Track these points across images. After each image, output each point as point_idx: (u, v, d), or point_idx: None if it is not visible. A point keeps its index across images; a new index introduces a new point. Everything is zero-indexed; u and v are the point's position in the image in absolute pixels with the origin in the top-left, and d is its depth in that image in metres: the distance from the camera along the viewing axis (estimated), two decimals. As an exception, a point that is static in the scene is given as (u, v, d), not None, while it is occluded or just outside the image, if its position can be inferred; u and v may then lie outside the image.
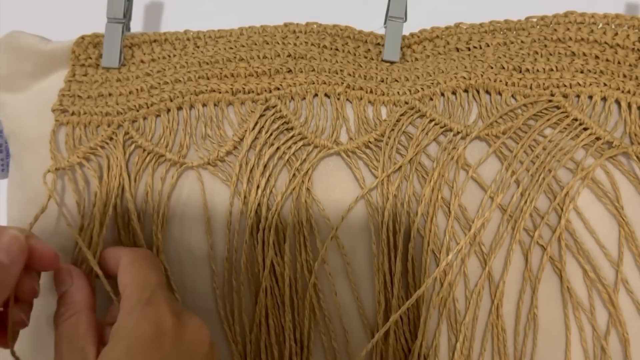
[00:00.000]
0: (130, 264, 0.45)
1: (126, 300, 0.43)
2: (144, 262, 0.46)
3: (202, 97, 0.53)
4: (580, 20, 0.53)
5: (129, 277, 0.44)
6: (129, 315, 0.42)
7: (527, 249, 0.50)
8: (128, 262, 0.46)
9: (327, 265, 0.51)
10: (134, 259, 0.46)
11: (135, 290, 0.43)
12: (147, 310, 0.42)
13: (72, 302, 0.45)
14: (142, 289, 0.43)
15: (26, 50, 0.55)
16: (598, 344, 0.50)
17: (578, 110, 0.51)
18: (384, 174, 0.50)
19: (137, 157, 0.53)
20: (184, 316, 0.43)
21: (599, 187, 0.50)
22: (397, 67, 0.55)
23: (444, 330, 0.50)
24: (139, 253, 0.47)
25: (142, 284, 0.44)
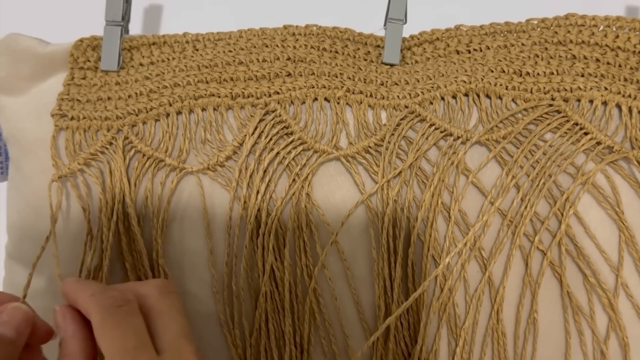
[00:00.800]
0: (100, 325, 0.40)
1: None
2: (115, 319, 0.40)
3: (201, 102, 0.53)
4: (581, 23, 0.53)
5: (103, 342, 0.39)
6: None
7: (527, 253, 0.50)
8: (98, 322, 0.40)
9: (327, 270, 0.51)
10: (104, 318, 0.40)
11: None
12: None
13: (67, 354, 0.41)
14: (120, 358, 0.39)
15: (25, 53, 0.55)
16: (598, 348, 0.50)
17: (579, 115, 0.51)
18: (384, 179, 0.50)
19: (137, 162, 0.53)
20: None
21: (599, 192, 0.50)
22: (397, 69, 0.55)
23: (444, 335, 0.50)
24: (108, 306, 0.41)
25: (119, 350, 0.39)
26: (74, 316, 0.43)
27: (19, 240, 0.56)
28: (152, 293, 0.43)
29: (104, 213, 0.52)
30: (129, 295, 0.42)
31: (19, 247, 0.56)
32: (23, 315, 0.42)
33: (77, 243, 0.53)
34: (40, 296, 0.53)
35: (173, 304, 0.43)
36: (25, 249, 0.55)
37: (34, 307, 0.53)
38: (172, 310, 0.42)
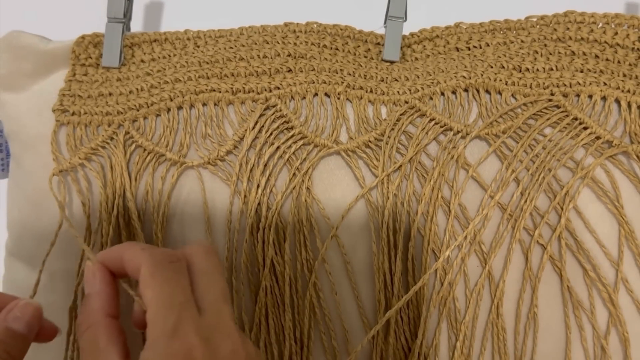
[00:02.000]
0: (151, 277, 0.39)
1: (150, 327, 0.38)
2: (166, 274, 0.40)
3: (202, 97, 0.53)
4: (580, 20, 0.54)
5: (151, 293, 0.39)
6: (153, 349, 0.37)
7: (527, 248, 0.50)
8: (149, 273, 0.39)
9: (327, 264, 0.51)
10: (155, 270, 0.39)
11: (159, 313, 0.38)
12: (173, 343, 0.37)
13: (90, 311, 0.40)
14: (166, 312, 0.38)
15: (26, 50, 0.55)
16: (598, 343, 0.50)
17: (578, 110, 0.51)
18: (384, 173, 0.50)
19: (138, 156, 0.53)
20: (215, 339, 0.38)
21: (598, 186, 0.50)
22: (397, 66, 0.55)
23: (444, 329, 0.50)
24: (160, 260, 0.40)
25: (166, 304, 0.38)
26: (104, 275, 0.42)
27: (19, 237, 0.56)
28: (198, 253, 0.42)
29: (105, 207, 0.52)
30: (178, 253, 0.42)
31: (20, 244, 0.56)
32: (34, 311, 0.42)
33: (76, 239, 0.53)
34: (41, 292, 0.53)
35: (216, 266, 0.42)
36: (25, 245, 0.55)
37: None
38: (215, 271, 0.41)
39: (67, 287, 0.53)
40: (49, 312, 0.53)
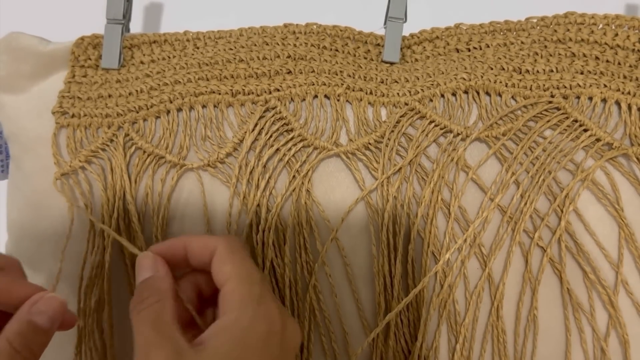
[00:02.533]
0: (230, 254, 0.42)
1: (234, 293, 0.40)
2: (244, 254, 0.43)
3: (201, 99, 0.53)
4: (580, 21, 0.53)
5: (232, 267, 0.41)
6: (242, 311, 0.39)
7: (527, 250, 0.50)
8: (227, 251, 0.42)
9: (327, 267, 0.51)
10: (234, 249, 0.42)
11: (243, 283, 0.41)
12: (260, 308, 0.40)
13: (158, 288, 0.42)
14: (250, 283, 0.41)
15: (26, 51, 0.55)
16: (598, 345, 0.50)
17: (578, 112, 0.51)
18: (383, 176, 0.50)
19: (138, 158, 0.53)
20: (284, 316, 0.41)
21: (599, 189, 0.50)
22: (397, 68, 0.55)
23: (443, 332, 0.50)
24: (237, 241, 0.43)
25: (249, 278, 0.41)
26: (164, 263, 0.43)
27: (19, 239, 0.56)
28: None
29: (105, 210, 0.52)
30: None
31: (19, 246, 0.56)
32: (58, 305, 0.42)
33: (78, 240, 0.53)
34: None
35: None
36: (25, 247, 0.55)
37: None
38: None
39: (67, 288, 0.53)
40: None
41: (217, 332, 0.39)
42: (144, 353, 0.38)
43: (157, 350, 0.38)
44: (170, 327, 0.39)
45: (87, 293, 0.52)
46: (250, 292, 0.40)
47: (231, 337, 0.39)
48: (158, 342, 0.38)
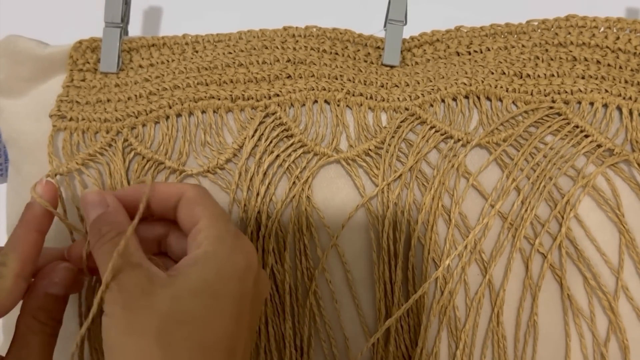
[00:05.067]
0: (200, 197, 0.42)
1: (209, 229, 0.40)
2: (212, 198, 0.42)
3: (201, 104, 0.52)
4: (582, 24, 0.53)
5: (204, 208, 0.41)
6: (220, 243, 0.39)
7: (527, 256, 0.50)
8: (197, 194, 0.42)
9: (327, 273, 0.51)
10: (203, 193, 0.42)
11: (218, 220, 0.40)
12: (238, 242, 0.40)
13: (115, 222, 0.41)
14: (225, 221, 0.41)
15: (24, 55, 0.55)
16: (598, 350, 0.50)
17: (579, 117, 0.51)
18: (384, 182, 0.50)
19: (137, 164, 0.52)
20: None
21: (599, 195, 0.50)
22: (397, 71, 0.54)
23: (444, 338, 0.50)
24: (204, 188, 0.43)
25: (223, 215, 0.41)
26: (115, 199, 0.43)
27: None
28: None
29: None
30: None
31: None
32: (72, 276, 0.43)
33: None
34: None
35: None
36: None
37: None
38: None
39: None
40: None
41: (193, 261, 0.38)
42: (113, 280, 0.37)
43: (127, 276, 0.37)
44: (137, 255, 0.39)
45: (88, 296, 0.52)
46: (226, 228, 0.40)
47: (208, 266, 0.38)
48: (126, 269, 0.37)
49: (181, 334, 0.36)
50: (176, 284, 0.37)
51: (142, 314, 0.36)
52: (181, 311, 0.36)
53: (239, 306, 0.38)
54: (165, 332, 0.36)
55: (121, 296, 0.37)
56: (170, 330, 0.36)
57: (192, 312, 0.36)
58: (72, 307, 0.52)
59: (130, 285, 0.37)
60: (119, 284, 0.37)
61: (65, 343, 0.53)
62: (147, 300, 0.36)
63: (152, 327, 0.36)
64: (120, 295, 0.37)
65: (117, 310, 0.36)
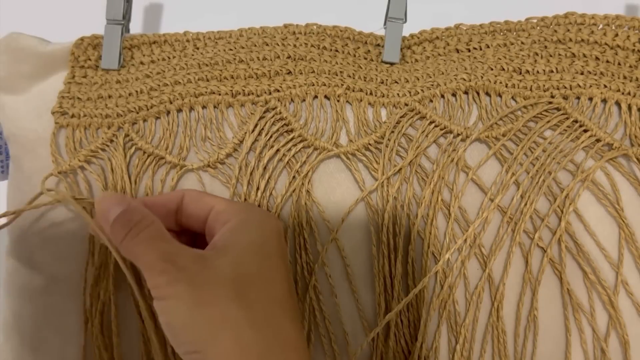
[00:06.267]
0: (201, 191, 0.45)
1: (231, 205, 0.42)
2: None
3: (201, 99, 0.53)
4: (581, 22, 0.53)
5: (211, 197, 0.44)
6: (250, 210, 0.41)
7: (527, 251, 0.50)
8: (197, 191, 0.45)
9: (327, 267, 0.51)
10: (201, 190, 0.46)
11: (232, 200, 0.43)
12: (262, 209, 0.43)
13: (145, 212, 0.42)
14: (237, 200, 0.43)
15: (25, 52, 0.55)
16: (598, 345, 0.50)
17: (578, 112, 0.51)
18: (384, 176, 0.50)
19: (138, 159, 0.53)
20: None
21: (599, 189, 0.50)
22: (397, 68, 0.55)
23: (444, 332, 0.50)
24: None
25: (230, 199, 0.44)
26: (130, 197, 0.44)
27: (19, 240, 0.55)
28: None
29: None
30: None
31: (20, 246, 0.55)
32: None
33: (78, 240, 0.53)
34: (41, 294, 0.53)
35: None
36: (25, 248, 0.55)
37: (34, 305, 0.53)
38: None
39: (68, 289, 0.53)
40: (50, 314, 0.53)
41: (231, 231, 0.40)
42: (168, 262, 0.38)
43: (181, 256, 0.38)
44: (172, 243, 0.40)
45: (92, 294, 0.52)
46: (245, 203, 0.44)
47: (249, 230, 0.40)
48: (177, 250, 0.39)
49: (254, 293, 0.38)
50: (230, 252, 0.39)
51: (212, 283, 0.37)
52: (245, 273, 0.38)
53: (286, 264, 0.41)
54: (240, 294, 0.37)
55: (184, 274, 0.37)
56: (243, 292, 0.37)
57: (255, 272, 0.38)
58: (74, 303, 0.53)
59: (188, 262, 0.38)
60: (175, 264, 0.38)
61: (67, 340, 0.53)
62: (211, 271, 0.38)
63: (228, 293, 0.37)
64: (181, 274, 0.37)
65: (181, 288, 0.37)
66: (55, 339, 0.53)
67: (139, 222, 0.40)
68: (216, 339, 0.37)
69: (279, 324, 0.38)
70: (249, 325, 0.37)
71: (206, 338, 0.37)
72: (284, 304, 0.39)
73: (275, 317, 0.38)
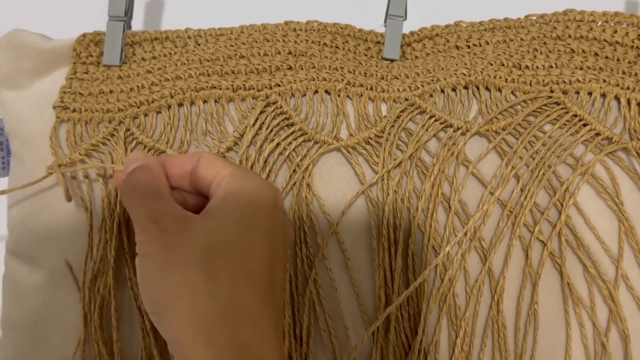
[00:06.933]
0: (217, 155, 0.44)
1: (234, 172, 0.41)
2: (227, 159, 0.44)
3: (202, 94, 0.53)
4: (580, 18, 0.54)
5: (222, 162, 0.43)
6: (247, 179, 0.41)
7: (527, 244, 0.50)
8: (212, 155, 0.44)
9: (327, 261, 0.51)
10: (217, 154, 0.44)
11: (240, 167, 0.42)
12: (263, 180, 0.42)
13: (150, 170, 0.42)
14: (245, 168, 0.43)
15: (27, 48, 0.55)
16: (598, 340, 0.50)
17: (578, 107, 0.51)
18: (384, 170, 0.50)
19: (138, 153, 0.53)
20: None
21: (598, 183, 0.50)
22: (397, 64, 0.55)
23: (444, 326, 0.50)
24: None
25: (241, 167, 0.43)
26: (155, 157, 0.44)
27: (19, 235, 0.55)
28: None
29: (107, 204, 0.52)
30: None
31: (20, 242, 0.55)
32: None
33: (76, 234, 0.53)
34: (42, 289, 0.53)
35: None
36: (25, 243, 0.55)
37: (34, 301, 0.53)
38: None
39: (68, 284, 0.53)
40: (50, 310, 0.53)
41: (223, 197, 0.40)
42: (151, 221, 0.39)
43: (165, 216, 0.39)
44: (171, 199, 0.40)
45: (90, 288, 0.52)
46: (249, 172, 0.42)
47: (239, 199, 0.39)
48: (164, 209, 0.39)
49: (222, 262, 0.37)
50: (211, 218, 0.39)
51: (183, 248, 0.37)
52: (220, 241, 0.38)
53: (272, 239, 0.40)
54: (207, 262, 0.37)
55: (162, 235, 0.38)
56: (211, 259, 0.37)
57: (231, 241, 0.38)
58: (75, 300, 0.53)
59: (169, 223, 0.38)
60: (157, 224, 0.38)
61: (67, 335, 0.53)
62: (186, 235, 0.38)
63: (194, 258, 0.37)
64: (160, 234, 0.38)
65: (156, 248, 0.38)
66: (55, 334, 0.53)
67: (138, 178, 0.42)
68: (175, 303, 0.37)
69: (241, 296, 0.37)
70: (208, 295, 0.37)
71: (167, 301, 0.37)
72: (254, 277, 0.38)
73: (239, 289, 0.37)
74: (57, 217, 0.54)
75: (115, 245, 0.51)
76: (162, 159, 0.44)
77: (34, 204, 0.54)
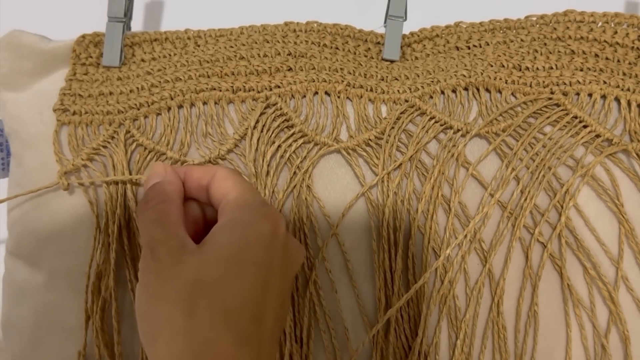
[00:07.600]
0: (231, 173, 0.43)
1: (237, 199, 0.41)
2: (241, 174, 0.44)
3: (202, 95, 0.53)
4: (580, 19, 0.54)
5: (233, 182, 0.42)
6: (245, 210, 0.40)
7: (527, 246, 0.50)
8: (227, 171, 0.43)
9: (327, 263, 0.51)
10: (234, 171, 0.44)
11: (247, 191, 0.42)
12: (264, 209, 0.41)
13: (163, 191, 0.42)
14: (253, 192, 0.42)
15: (27, 49, 0.55)
16: (598, 341, 0.50)
17: (578, 108, 0.51)
18: (384, 172, 0.50)
19: (139, 155, 0.53)
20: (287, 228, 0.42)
21: (598, 185, 0.50)
22: (397, 65, 0.55)
23: (444, 328, 0.50)
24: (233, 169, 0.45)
25: (251, 188, 0.42)
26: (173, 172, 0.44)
27: (19, 236, 0.55)
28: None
29: (109, 206, 0.52)
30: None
31: (20, 243, 0.55)
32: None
33: (78, 236, 0.53)
34: (41, 290, 0.53)
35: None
36: (25, 244, 0.55)
37: (34, 302, 0.53)
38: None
39: (68, 285, 0.53)
40: (50, 310, 0.53)
41: (220, 229, 0.39)
42: (149, 249, 0.38)
43: (162, 245, 0.38)
44: (175, 225, 0.40)
45: (93, 290, 0.52)
46: (253, 197, 0.41)
47: (233, 233, 0.39)
48: (163, 238, 0.39)
49: (204, 301, 0.37)
50: (203, 252, 0.38)
51: (171, 282, 0.37)
52: (205, 279, 0.37)
53: (265, 273, 0.39)
54: (190, 299, 0.36)
55: (155, 265, 0.38)
56: (194, 297, 0.37)
57: (216, 279, 0.37)
58: (76, 300, 0.53)
59: (164, 255, 0.38)
60: (153, 253, 0.38)
61: (68, 337, 0.53)
62: (177, 268, 0.37)
63: (179, 295, 0.37)
64: (154, 264, 0.38)
65: (150, 279, 0.38)
66: (56, 335, 0.53)
67: (149, 200, 0.41)
68: (156, 340, 0.36)
69: (217, 338, 0.36)
70: (184, 335, 0.36)
71: (151, 335, 0.37)
72: (235, 317, 0.37)
73: (216, 330, 0.36)
74: (57, 218, 0.54)
75: (117, 247, 0.51)
76: (183, 170, 0.44)
77: (35, 205, 0.54)
